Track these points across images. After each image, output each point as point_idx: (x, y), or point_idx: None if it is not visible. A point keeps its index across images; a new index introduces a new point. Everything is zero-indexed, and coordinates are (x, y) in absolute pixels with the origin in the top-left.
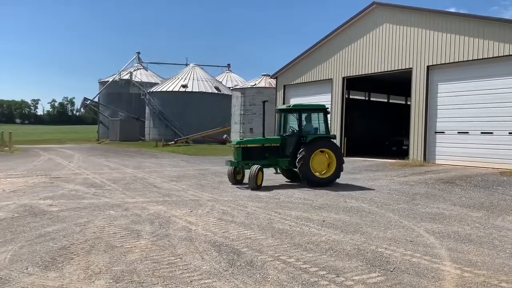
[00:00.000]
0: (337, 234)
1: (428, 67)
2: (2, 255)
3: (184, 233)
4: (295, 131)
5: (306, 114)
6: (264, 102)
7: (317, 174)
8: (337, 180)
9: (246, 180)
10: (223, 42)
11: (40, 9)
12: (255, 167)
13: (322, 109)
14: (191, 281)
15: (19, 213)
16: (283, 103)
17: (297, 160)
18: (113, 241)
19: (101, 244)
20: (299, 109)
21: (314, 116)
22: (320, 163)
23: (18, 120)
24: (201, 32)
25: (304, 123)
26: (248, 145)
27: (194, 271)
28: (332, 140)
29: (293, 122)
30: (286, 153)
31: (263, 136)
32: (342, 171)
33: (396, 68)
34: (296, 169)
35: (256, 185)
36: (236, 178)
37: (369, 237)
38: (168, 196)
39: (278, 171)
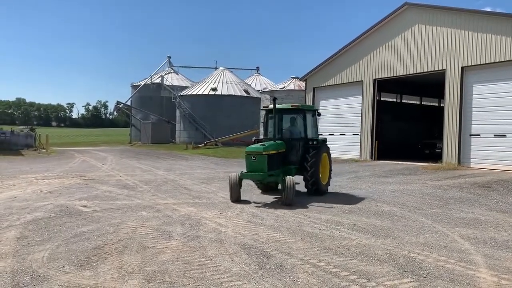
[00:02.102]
0: (368, 239)
1: (462, 68)
2: (40, 253)
3: (214, 234)
4: (301, 134)
5: (308, 115)
6: (274, 99)
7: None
8: (370, 184)
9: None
10: (252, 45)
11: (76, 18)
12: (291, 179)
13: (313, 110)
14: (221, 283)
15: (55, 213)
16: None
17: (309, 165)
18: (145, 241)
19: (133, 244)
20: (303, 109)
21: (307, 118)
22: (321, 169)
23: (54, 123)
24: (231, 35)
25: (306, 125)
26: (271, 152)
27: (224, 273)
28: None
29: (290, 123)
30: (293, 160)
31: (275, 140)
32: (331, 178)
33: (429, 70)
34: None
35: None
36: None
37: (401, 242)
38: (198, 198)
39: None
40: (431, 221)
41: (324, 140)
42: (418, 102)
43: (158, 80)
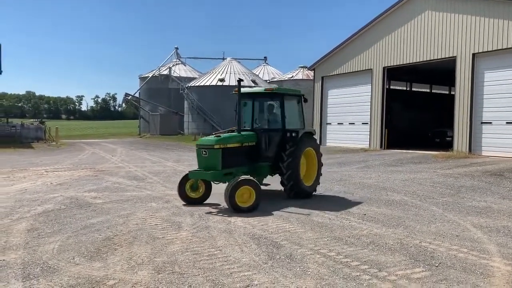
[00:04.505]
0: (378, 228)
1: (473, 54)
2: (50, 245)
3: (224, 225)
4: (277, 125)
5: (289, 102)
6: (239, 80)
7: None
8: (380, 173)
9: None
10: (259, 35)
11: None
12: (232, 183)
13: (298, 96)
14: (231, 273)
15: (65, 205)
16: (321, 95)
17: (285, 163)
18: (155, 232)
19: (143, 235)
20: (280, 94)
21: (293, 105)
22: (302, 167)
23: (63, 116)
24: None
25: (284, 113)
26: (228, 145)
27: (233, 263)
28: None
29: (269, 111)
30: (266, 155)
31: (239, 130)
32: (321, 175)
33: (439, 57)
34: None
35: (238, 206)
36: (191, 195)
37: (412, 231)
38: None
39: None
40: (443, 210)
41: (310, 132)
42: (428, 90)
43: (166, 72)
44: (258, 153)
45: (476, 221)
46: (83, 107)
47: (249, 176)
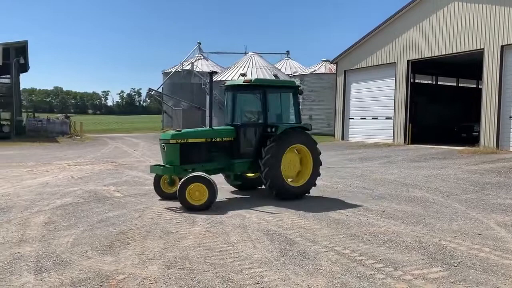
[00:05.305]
0: (397, 225)
1: (502, 46)
2: (65, 238)
3: (238, 220)
4: (258, 119)
5: (273, 94)
6: (211, 73)
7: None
8: (403, 168)
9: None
10: (282, 29)
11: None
12: (184, 181)
13: (292, 87)
14: (241, 270)
15: (84, 199)
16: (344, 89)
17: (263, 160)
18: (169, 227)
19: (157, 229)
20: (263, 86)
21: (283, 97)
22: (291, 165)
23: (90, 111)
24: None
25: (270, 106)
26: (189, 140)
27: (245, 260)
28: (307, 132)
29: (252, 105)
30: (244, 152)
31: (210, 126)
32: (320, 176)
33: (466, 49)
34: (250, 175)
35: (190, 204)
36: (167, 190)
37: (432, 229)
38: (224, 183)
39: (233, 178)
40: (465, 207)
41: (302, 127)
42: (455, 84)
43: (189, 67)
44: (237, 149)
45: (500, 219)
46: (109, 102)
47: (202, 173)
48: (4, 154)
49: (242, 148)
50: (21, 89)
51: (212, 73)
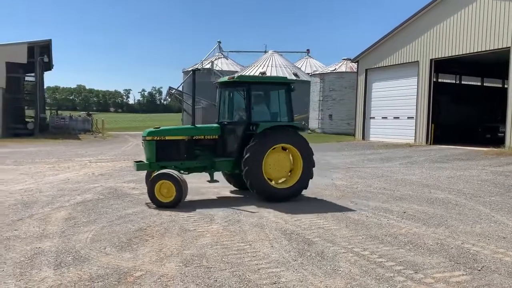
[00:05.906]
0: (418, 227)
1: None
2: (85, 234)
3: (256, 219)
4: (243, 117)
5: (259, 92)
6: (194, 70)
7: (273, 182)
8: (425, 169)
9: None
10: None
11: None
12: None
13: (283, 84)
14: (258, 269)
15: (104, 195)
16: (365, 88)
17: (243, 159)
18: (187, 224)
19: (175, 227)
20: (248, 83)
21: (272, 94)
22: (279, 166)
23: (112, 109)
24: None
25: (255, 104)
26: (167, 138)
27: (262, 259)
28: (299, 131)
29: (238, 102)
30: (229, 150)
31: (193, 123)
32: (312, 178)
33: (491, 48)
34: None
35: (159, 200)
36: None
37: (454, 231)
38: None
39: (215, 177)
40: (490, 210)
41: (293, 126)
42: (480, 84)
43: (208, 66)
44: (221, 147)
45: None
46: (131, 101)
47: (172, 170)
48: (28, 150)
49: (226, 146)
50: (45, 87)
51: (195, 71)
